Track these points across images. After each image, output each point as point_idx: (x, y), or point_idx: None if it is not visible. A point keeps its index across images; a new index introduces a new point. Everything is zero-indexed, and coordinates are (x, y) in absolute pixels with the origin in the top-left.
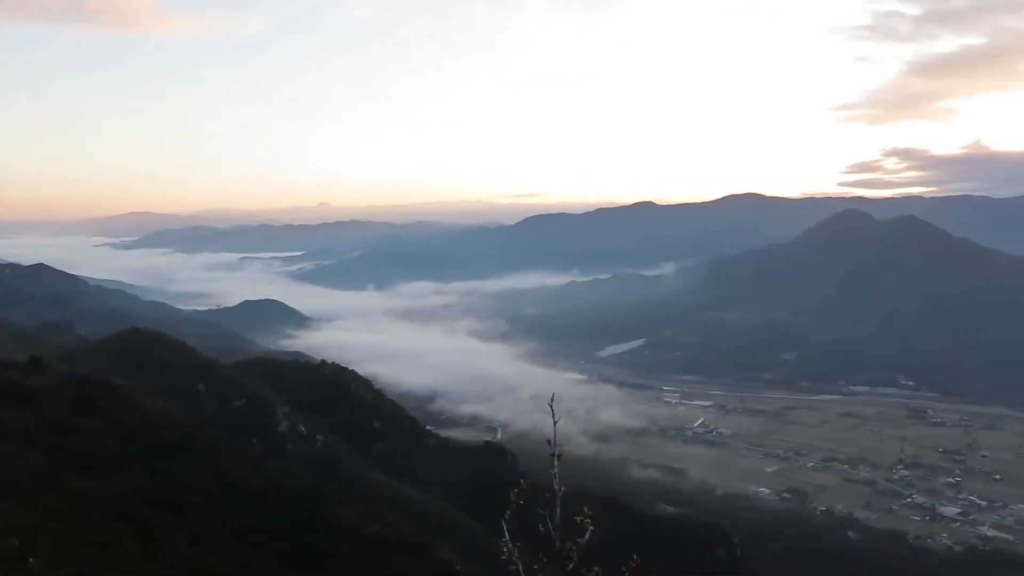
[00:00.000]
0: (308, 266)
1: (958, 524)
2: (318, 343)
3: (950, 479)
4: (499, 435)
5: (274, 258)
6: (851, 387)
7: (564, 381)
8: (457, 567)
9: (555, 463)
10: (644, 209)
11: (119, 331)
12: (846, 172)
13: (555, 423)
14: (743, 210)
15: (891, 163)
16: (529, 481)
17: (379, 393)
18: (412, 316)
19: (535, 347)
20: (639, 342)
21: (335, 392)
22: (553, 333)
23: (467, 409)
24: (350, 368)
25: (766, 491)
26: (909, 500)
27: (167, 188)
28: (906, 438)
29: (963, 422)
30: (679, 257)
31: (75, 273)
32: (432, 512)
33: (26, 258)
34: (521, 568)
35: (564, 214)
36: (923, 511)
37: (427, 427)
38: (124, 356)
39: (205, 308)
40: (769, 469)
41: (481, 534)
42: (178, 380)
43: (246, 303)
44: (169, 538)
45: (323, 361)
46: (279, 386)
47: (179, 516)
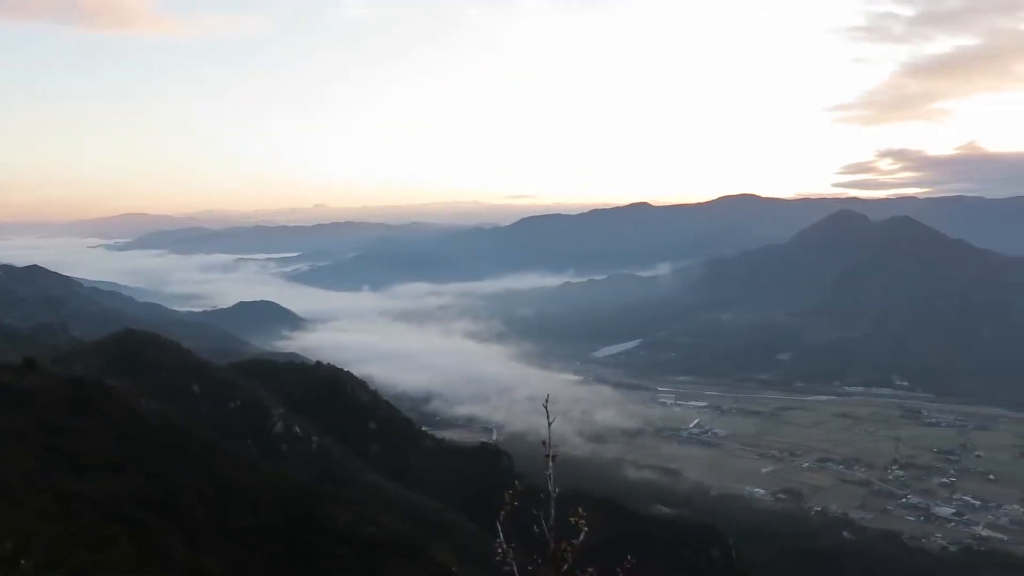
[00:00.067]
0: (303, 267)
1: (953, 524)
2: (313, 344)
3: (945, 479)
4: (494, 436)
5: (269, 259)
6: (846, 388)
7: (559, 382)
8: (453, 568)
9: (550, 464)
10: (639, 210)
11: (114, 333)
12: (841, 173)
13: (550, 424)
14: (738, 211)
15: (886, 164)
16: (524, 482)
17: (375, 394)
18: (407, 317)
19: (530, 348)
20: (634, 343)
21: (330, 393)
22: (548, 334)
23: (463, 410)
24: (345, 369)
25: (761, 492)
26: (904, 500)
27: (162, 189)
28: (901, 438)
29: (957, 422)
30: (674, 258)
31: (69, 275)
32: (428, 513)
33: (20, 259)
34: (516, 569)
35: (559, 215)
36: (918, 511)
37: (423, 428)
38: (119, 358)
39: (200, 309)
40: (764, 470)
41: (477, 535)
42: (173, 382)
43: (241, 304)
44: (164, 540)
45: (318, 362)
46: (274, 387)
47: (174, 518)
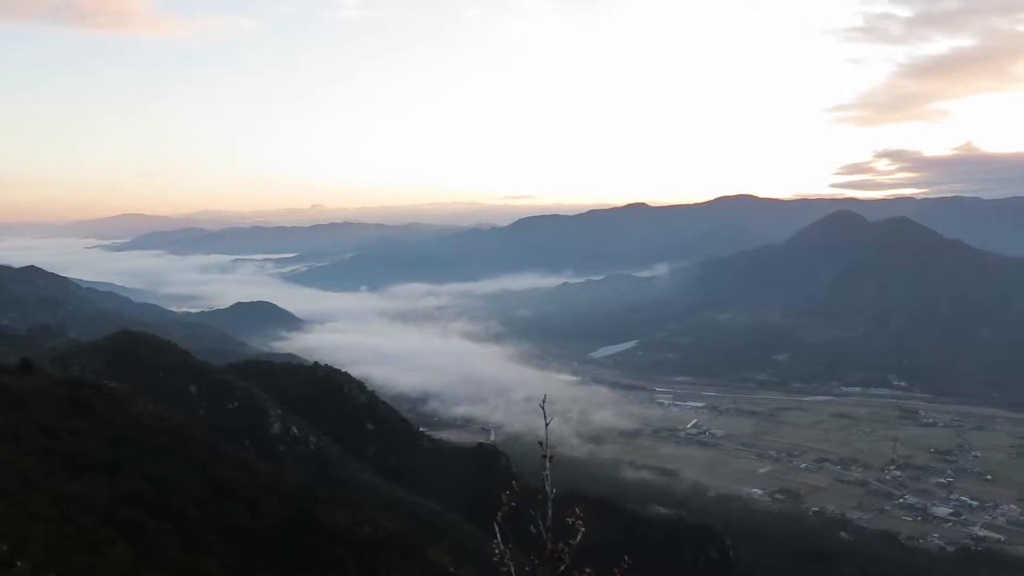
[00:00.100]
0: (301, 268)
1: (950, 524)
2: (311, 345)
3: (942, 479)
4: (492, 437)
5: (267, 260)
6: (843, 388)
7: (557, 382)
8: (451, 569)
9: (547, 465)
10: (637, 210)
11: (111, 333)
12: (838, 173)
13: (547, 424)
14: (735, 211)
15: (883, 164)
16: (522, 483)
17: (372, 395)
18: (405, 318)
19: (528, 348)
20: (632, 343)
21: (328, 394)
22: (546, 334)
23: (460, 411)
24: (343, 370)
25: (759, 492)
26: (901, 501)
27: (159, 190)
28: (898, 439)
29: (954, 422)
30: (672, 258)
31: (66, 275)
32: (425, 514)
33: (17, 260)
34: (513, 570)
35: (557, 215)
36: (915, 511)
37: (420, 429)
38: (116, 358)
39: (197, 310)
40: (762, 470)
41: (475, 536)
42: (170, 382)
43: (238, 305)
44: (161, 541)
45: (316, 363)
46: (272, 388)
47: (171, 519)
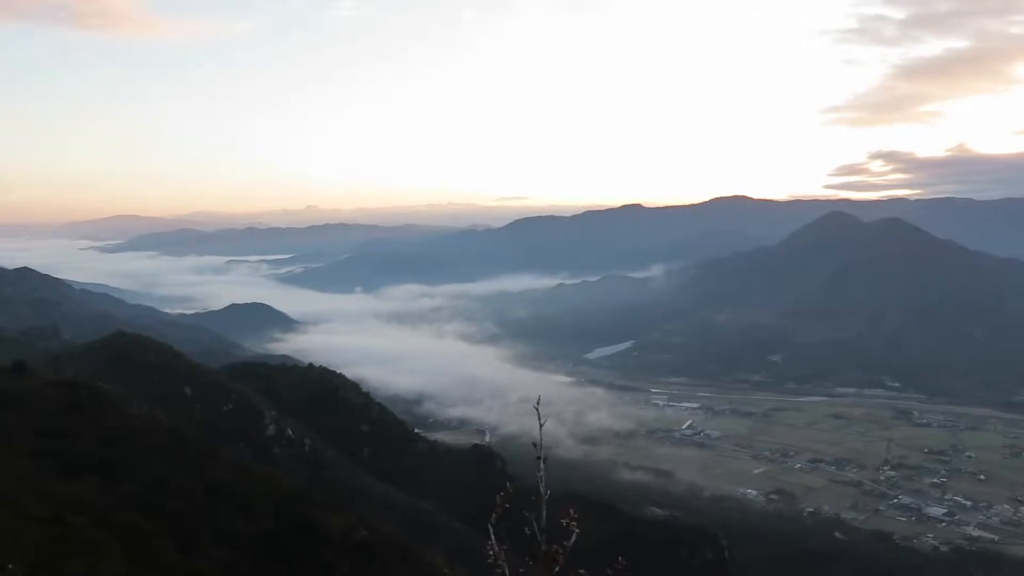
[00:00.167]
0: (296, 269)
1: (944, 524)
2: (306, 346)
3: (936, 480)
4: (487, 438)
5: (261, 261)
6: (838, 388)
7: (552, 383)
8: (445, 571)
9: (540, 466)
10: (632, 211)
11: (105, 335)
12: (832, 174)
13: (541, 426)
14: (730, 212)
15: (876, 165)
16: (517, 484)
17: (367, 396)
18: (400, 319)
19: (523, 350)
20: (627, 344)
21: (323, 396)
22: (541, 335)
23: (455, 412)
24: (338, 372)
25: (754, 493)
26: (895, 501)
27: (153, 191)
28: (892, 439)
29: (948, 423)
30: (667, 259)
31: (60, 277)
32: (420, 516)
33: (10, 262)
34: (507, 571)
35: (552, 216)
36: (909, 512)
37: (415, 430)
38: (110, 360)
39: (192, 312)
40: (757, 471)
41: (470, 537)
42: (164, 384)
43: (233, 306)
44: (155, 543)
45: (311, 364)
46: (266, 390)
47: (165, 521)
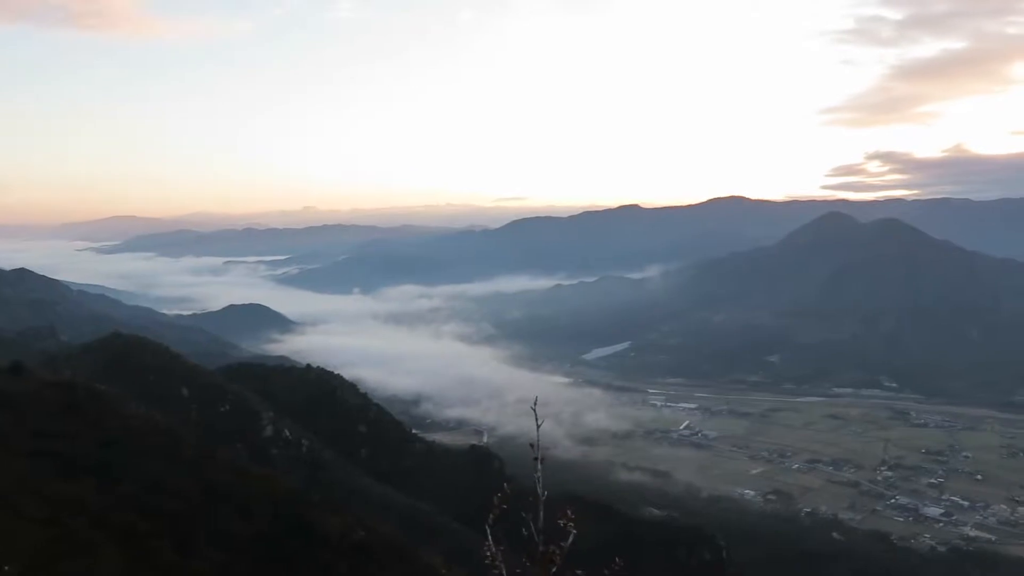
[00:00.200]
0: (293, 270)
1: (941, 525)
2: (303, 347)
3: (933, 480)
4: (485, 439)
5: (259, 262)
6: (835, 389)
7: (550, 384)
8: (443, 571)
9: (538, 467)
10: (629, 212)
11: (102, 336)
12: (829, 175)
13: (538, 426)
14: (728, 213)
15: (874, 166)
16: (514, 485)
17: (365, 397)
18: (398, 320)
19: (521, 350)
20: (624, 345)
21: (320, 397)
22: (539, 336)
23: (453, 413)
24: (335, 372)
25: (751, 493)
26: (893, 501)
27: (150, 192)
28: (889, 439)
29: (945, 423)
30: (664, 260)
31: (57, 278)
32: (418, 516)
33: (7, 263)
34: (504, 572)
35: (550, 217)
36: (906, 512)
37: (413, 431)
38: (107, 361)
39: (189, 313)
40: (754, 471)
41: (468, 538)
42: (162, 385)
43: (230, 307)
44: (152, 544)
45: (308, 365)
46: (264, 391)
47: (162, 522)
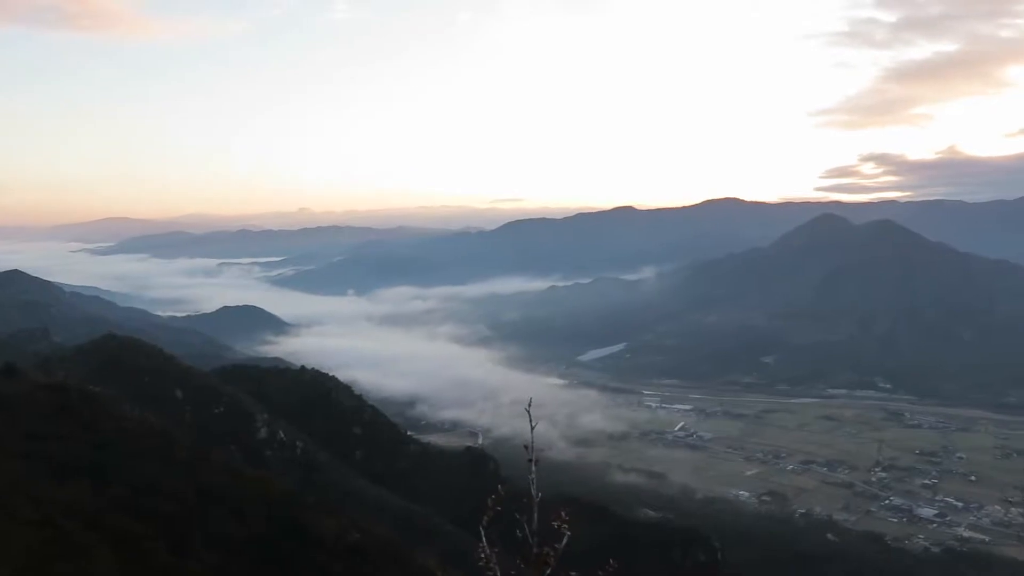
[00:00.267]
0: (288, 271)
1: (935, 525)
2: (298, 349)
3: (927, 481)
4: (480, 440)
5: (253, 263)
6: (829, 390)
7: (545, 386)
8: (438, 573)
9: (532, 468)
10: (624, 214)
11: (95, 338)
12: (823, 177)
13: (532, 428)
14: (722, 214)
15: (868, 168)
16: (509, 486)
17: (359, 399)
18: (393, 321)
19: (516, 352)
20: (620, 346)
21: (315, 398)
22: (534, 338)
23: (448, 414)
24: (330, 374)
25: (746, 494)
26: (887, 502)
27: (144, 193)
28: (884, 440)
29: (939, 424)
30: (659, 261)
31: (50, 279)
32: (413, 518)
33: (1, 264)
34: (499, 574)
35: (545, 219)
36: (900, 513)
37: (408, 433)
38: (101, 363)
39: (183, 314)
40: (749, 472)
41: (462, 540)
42: (155, 387)
43: (225, 309)
44: (146, 546)
45: (303, 367)
46: (258, 393)
47: (157, 524)
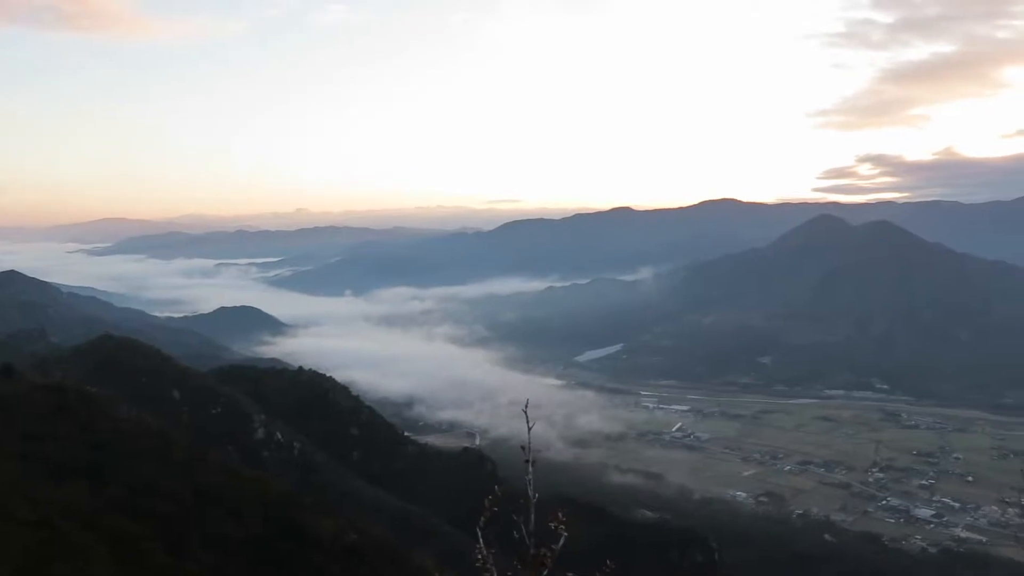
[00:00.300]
0: (285, 272)
1: (932, 526)
2: (295, 350)
3: (924, 481)
4: (477, 441)
5: (251, 264)
6: (826, 390)
7: (542, 386)
8: (435, 574)
9: (529, 469)
10: (622, 214)
11: (93, 338)
12: (821, 178)
13: (529, 429)
14: (720, 215)
15: (865, 169)
16: (506, 487)
17: (357, 400)
18: (390, 322)
19: (513, 352)
20: (617, 347)
21: (312, 399)
22: (531, 338)
23: (445, 415)
24: (328, 375)
25: (743, 495)
26: (884, 503)
27: (141, 194)
28: (881, 441)
29: (936, 425)
30: (657, 262)
31: (48, 280)
32: (410, 519)
33: None
34: (495, 574)
35: (542, 219)
36: (898, 513)
37: (405, 433)
38: (98, 363)
39: (180, 315)
40: (746, 473)
41: (459, 540)
42: (153, 388)
43: (222, 310)
44: (143, 547)
45: (300, 368)
46: (256, 393)
47: (154, 524)
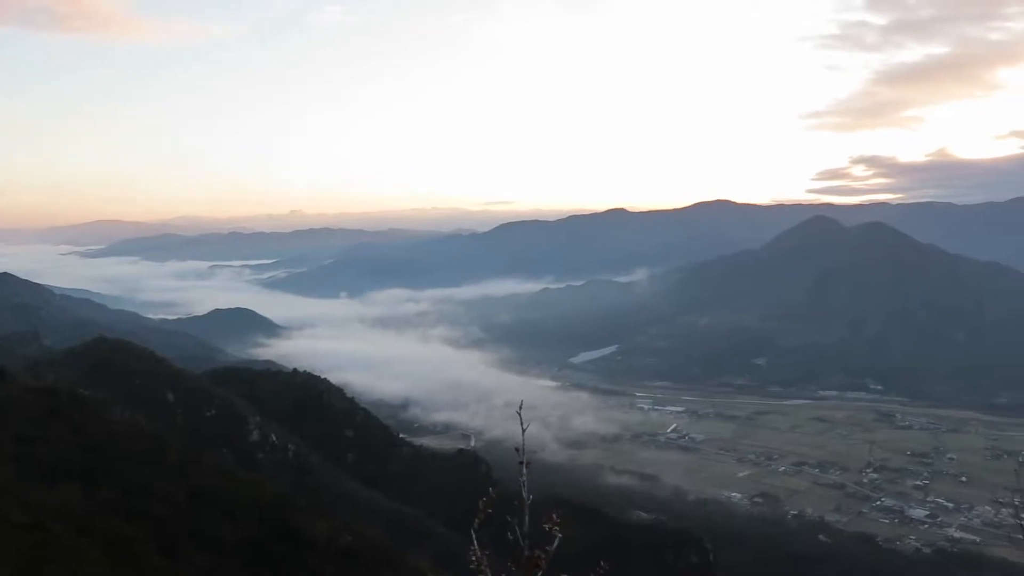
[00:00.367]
0: (280, 274)
1: (926, 526)
2: (290, 351)
3: (918, 482)
4: (472, 443)
5: (245, 266)
6: (821, 391)
7: (537, 388)
8: None
9: (523, 471)
10: (616, 216)
11: (86, 341)
12: (815, 179)
13: (524, 430)
14: (714, 216)
15: (858, 170)
16: (501, 489)
17: (352, 401)
18: (385, 324)
19: (508, 354)
20: (612, 348)
21: (307, 401)
22: (526, 340)
23: (440, 417)
24: (322, 376)
25: (738, 496)
26: (878, 503)
27: (135, 196)
28: (875, 442)
29: (930, 425)
30: (651, 263)
31: (41, 282)
32: (405, 521)
33: None
34: None
35: (537, 221)
36: (892, 514)
37: (400, 435)
38: (91, 366)
39: (174, 317)
40: (741, 474)
41: (454, 542)
42: (147, 390)
43: (216, 312)
44: (137, 549)
45: (295, 370)
46: (250, 395)
47: (148, 527)
